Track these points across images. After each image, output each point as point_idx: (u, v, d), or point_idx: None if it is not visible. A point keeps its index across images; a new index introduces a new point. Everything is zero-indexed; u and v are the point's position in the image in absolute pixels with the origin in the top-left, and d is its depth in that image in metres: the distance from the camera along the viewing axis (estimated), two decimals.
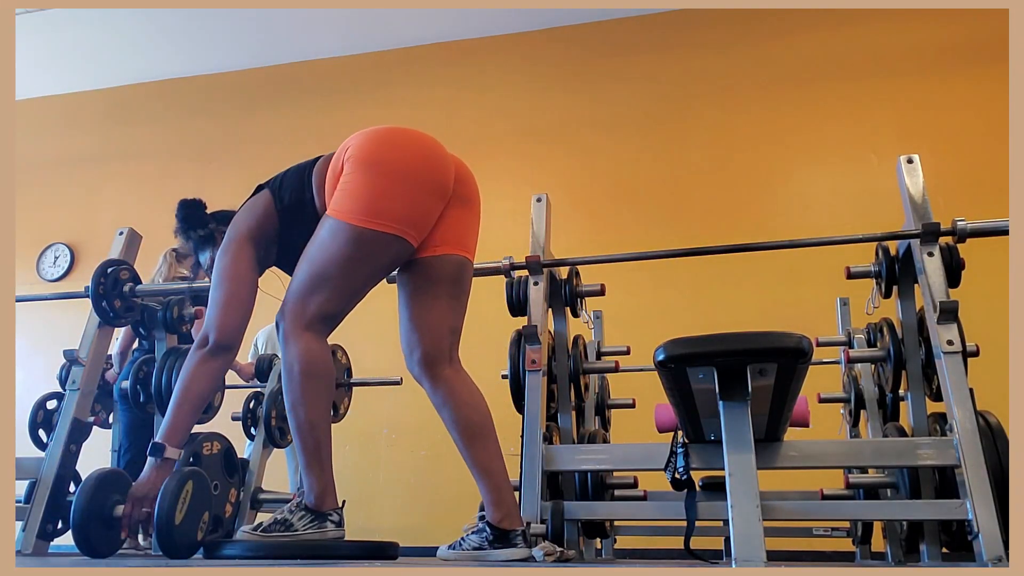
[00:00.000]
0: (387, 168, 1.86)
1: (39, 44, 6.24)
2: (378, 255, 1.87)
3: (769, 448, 2.08)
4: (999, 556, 1.81)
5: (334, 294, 1.88)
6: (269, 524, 1.88)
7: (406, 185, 1.87)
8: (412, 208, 1.88)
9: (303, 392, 1.87)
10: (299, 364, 1.87)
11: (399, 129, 1.97)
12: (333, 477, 1.91)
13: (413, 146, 1.92)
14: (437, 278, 1.98)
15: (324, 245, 1.87)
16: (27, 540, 2.69)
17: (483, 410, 1.99)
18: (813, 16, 5.57)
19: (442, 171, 1.94)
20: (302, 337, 1.88)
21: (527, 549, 1.91)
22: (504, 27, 5.98)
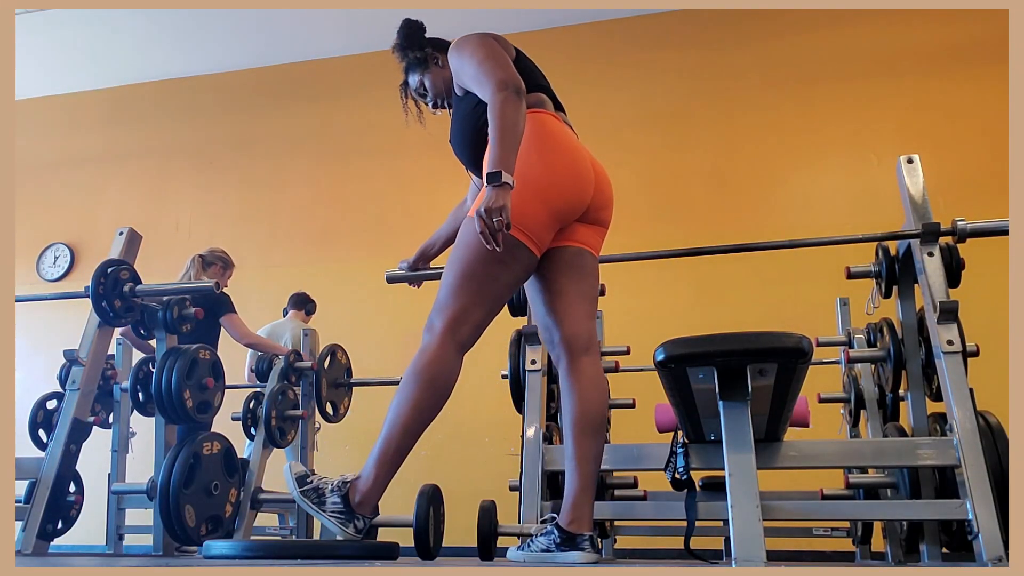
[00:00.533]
0: (538, 192, 1.91)
1: (39, 44, 6.24)
2: (514, 262, 1.91)
3: (769, 448, 2.08)
4: (999, 556, 1.81)
5: (476, 294, 1.91)
6: (309, 487, 1.88)
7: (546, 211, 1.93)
8: (544, 228, 1.94)
9: (418, 395, 1.88)
10: (431, 369, 1.89)
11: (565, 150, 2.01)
12: (384, 488, 1.91)
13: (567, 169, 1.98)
14: (569, 266, 2.03)
15: (467, 245, 1.92)
16: (27, 540, 2.69)
17: (602, 409, 2.02)
18: (813, 16, 5.57)
19: (579, 209, 2.01)
20: (445, 342, 1.90)
21: (595, 554, 1.90)
22: (504, 27, 5.94)
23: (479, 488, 2.68)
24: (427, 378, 1.88)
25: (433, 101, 2.29)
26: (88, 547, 4.39)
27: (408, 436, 1.89)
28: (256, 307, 5.10)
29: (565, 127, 2.08)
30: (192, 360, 2.87)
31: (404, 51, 2.28)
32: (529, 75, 2.06)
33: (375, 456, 1.89)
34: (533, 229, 1.91)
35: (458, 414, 5.30)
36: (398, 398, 1.90)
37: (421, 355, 1.90)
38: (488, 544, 2.09)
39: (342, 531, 1.85)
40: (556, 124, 2.05)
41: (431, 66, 2.26)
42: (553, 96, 2.15)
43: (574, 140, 2.07)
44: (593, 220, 2.08)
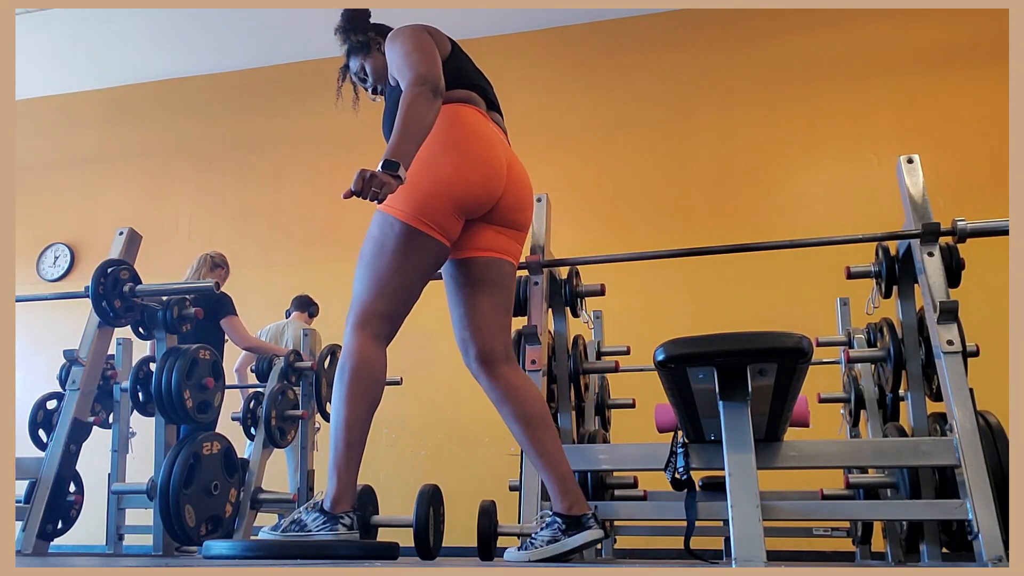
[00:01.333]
0: (442, 178, 1.91)
1: (39, 44, 6.24)
2: (424, 254, 1.92)
3: (769, 448, 2.08)
4: (999, 556, 1.81)
5: (386, 287, 1.92)
6: (287, 524, 1.89)
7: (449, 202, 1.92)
8: (448, 221, 1.93)
9: (348, 390, 1.89)
10: (351, 362, 1.90)
11: (471, 134, 1.99)
12: (355, 481, 1.92)
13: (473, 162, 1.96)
14: (472, 279, 2.03)
15: (374, 239, 1.93)
16: (27, 540, 2.69)
17: (542, 402, 2.03)
18: (813, 16, 5.57)
19: (484, 203, 1.98)
20: (359, 335, 1.92)
21: (600, 530, 1.92)
22: (504, 27, 5.98)
23: (479, 488, 2.68)
24: (351, 371, 1.89)
25: (372, 87, 2.28)
26: (88, 547, 4.39)
27: (352, 429, 1.88)
28: (256, 307, 5.11)
29: (484, 121, 2.05)
30: (192, 360, 2.87)
31: (347, 34, 2.28)
32: (462, 74, 2.07)
33: (331, 461, 1.90)
34: (437, 219, 1.90)
35: (458, 414, 5.35)
36: (334, 398, 1.92)
37: (343, 352, 1.93)
38: (488, 544, 2.09)
39: (335, 535, 1.85)
40: (473, 116, 2.02)
41: (373, 51, 2.24)
42: (488, 96, 2.13)
43: (489, 134, 2.03)
44: (508, 223, 2.05)
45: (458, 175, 1.92)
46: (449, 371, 5.34)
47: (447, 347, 2.01)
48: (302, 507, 1.92)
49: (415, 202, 1.89)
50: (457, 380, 5.20)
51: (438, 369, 5.14)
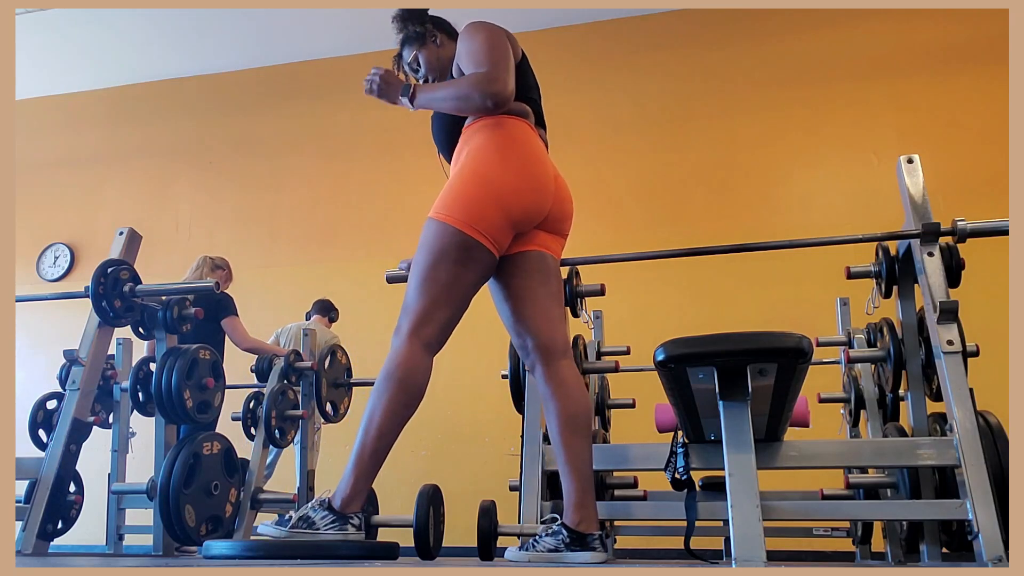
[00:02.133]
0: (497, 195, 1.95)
1: (39, 44, 6.24)
2: (474, 262, 1.94)
3: (769, 448, 2.08)
4: (999, 556, 1.81)
5: (438, 296, 1.93)
6: (295, 520, 1.88)
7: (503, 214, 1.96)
8: (501, 231, 1.96)
9: (391, 398, 1.88)
10: (401, 370, 1.90)
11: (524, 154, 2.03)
12: (368, 487, 1.91)
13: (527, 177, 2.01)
14: (535, 270, 2.05)
15: (427, 246, 1.95)
16: (27, 540, 2.69)
17: (588, 409, 2.03)
18: (813, 16, 5.57)
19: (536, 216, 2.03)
20: (412, 342, 1.92)
21: (604, 553, 1.92)
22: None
23: (479, 488, 2.69)
24: (398, 379, 1.88)
25: (425, 78, 2.29)
26: (88, 547, 4.39)
27: (382, 439, 1.88)
28: (256, 307, 5.11)
29: (535, 138, 2.10)
30: (192, 360, 2.87)
31: (404, 22, 2.30)
32: (523, 86, 2.10)
33: (352, 462, 1.89)
34: (490, 231, 1.93)
35: (458, 414, 5.35)
36: (372, 402, 1.90)
37: (391, 358, 1.91)
38: (488, 544, 2.09)
39: (343, 535, 1.85)
40: (526, 132, 2.07)
41: (428, 42, 2.28)
42: (538, 110, 2.18)
43: (540, 150, 2.09)
44: (552, 230, 2.10)
45: (513, 190, 1.97)
46: (449, 371, 5.33)
47: (447, 347, 2.00)
48: (310, 504, 1.91)
49: (472, 212, 1.92)
50: (457, 380, 5.22)
51: (438, 369, 5.11)
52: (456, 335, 2.01)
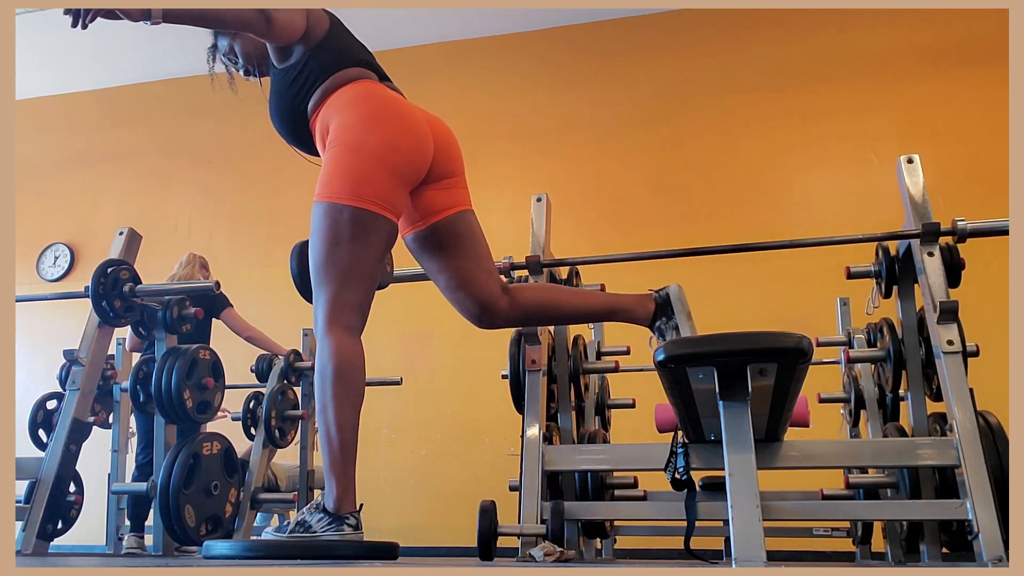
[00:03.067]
0: (376, 158, 1.90)
1: (39, 44, 6.24)
2: (373, 234, 1.89)
3: (769, 448, 2.08)
4: (999, 556, 1.81)
5: (346, 277, 1.89)
6: (292, 526, 1.88)
7: (389, 175, 1.91)
8: (394, 193, 1.92)
9: (333, 392, 1.87)
10: (332, 363, 1.87)
11: (390, 113, 1.97)
12: (354, 480, 1.91)
13: (399, 130, 1.95)
14: (442, 242, 2.05)
15: (321, 232, 1.90)
16: (27, 540, 2.69)
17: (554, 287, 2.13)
18: (813, 16, 5.57)
19: (423, 167, 1.99)
20: (333, 332, 1.88)
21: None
22: (504, 27, 5.98)
23: (479, 488, 2.68)
24: (334, 374, 1.86)
25: (244, 68, 2.24)
26: (88, 547, 4.39)
27: (344, 431, 1.87)
28: (256, 307, 5.10)
29: (388, 90, 2.04)
30: (192, 360, 2.87)
31: None
32: (351, 50, 2.06)
33: (327, 464, 1.89)
34: (379, 196, 1.88)
35: (458, 414, 5.35)
36: (320, 401, 1.89)
37: (320, 355, 1.90)
38: (488, 544, 2.09)
39: (340, 535, 1.85)
40: (378, 88, 2.01)
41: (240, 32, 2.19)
42: (378, 69, 2.11)
43: (398, 99, 2.03)
44: (444, 175, 2.05)
45: (389, 147, 1.91)
46: (449, 371, 5.35)
47: (447, 347, 2.01)
48: (305, 508, 1.91)
49: (355, 183, 1.88)
50: (457, 380, 5.22)
51: (438, 369, 5.13)
52: (455, 335, 2.01)
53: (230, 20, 1.90)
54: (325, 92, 2.00)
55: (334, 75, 2.00)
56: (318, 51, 2.02)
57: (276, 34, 1.95)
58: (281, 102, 2.08)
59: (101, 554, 3.83)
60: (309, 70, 2.01)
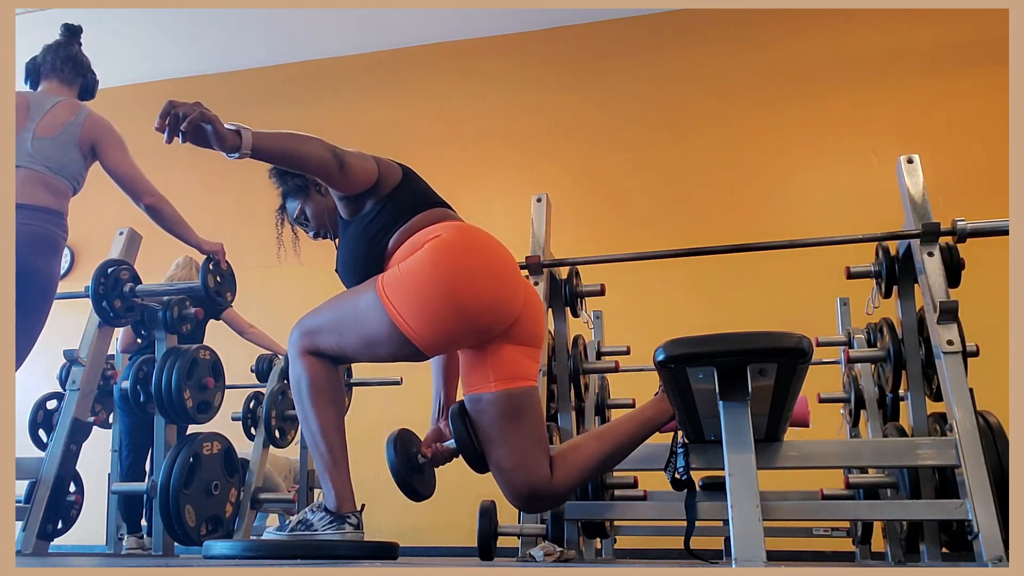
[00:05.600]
0: (451, 296, 1.80)
1: (39, 44, 6.24)
2: (396, 350, 1.85)
3: (769, 448, 2.08)
4: (999, 556, 1.81)
5: (342, 347, 1.90)
6: (294, 524, 1.90)
7: (458, 321, 1.82)
8: (449, 341, 1.87)
9: (311, 403, 1.90)
10: (306, 378, 1.90)
11: (488, 251, 1.89)
12: (350, 482, 1.92)
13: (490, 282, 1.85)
14: (502, 413, 1.90)
15: (359, 313, 1.85)
16: (27, 540, 2.69)
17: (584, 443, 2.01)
18: (813, 16, 5.57)
19: (503, 318, 1.88)
20: (306, 358, 1.91)
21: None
22: (504, 27, 5.98)
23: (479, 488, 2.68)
24: (307, 388, 1.90)
25: (315, 231, 2.19)
26: (88, 547, 4.39)
27: (328, 435, 1.90)
28: (256, 307, 5.10)
29: (494, 239, 1.94)
30: (192, 360, 2.87)
31: (282, 176, 2.18)
32: (427, 195, 2.01)
33: (320, 468, 1.91)
34: (436, 341, 1.82)
35: None
36: (301, 413, 1.92)
37: (292, 371, 1.92)
38: (488, 544, 2.09)
39: (341, 534, 1.86)
40: (480, 232, 1.93)
41: (312, 193, 2.14)
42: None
43: (504, 250, 1.94)
44: (530, 340, 1.95)
45: (475, 286, 1.81)
46: None
47: None
48: (307, 508, 1.93)
49: (421, 318, 1.78)
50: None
51: None
52: None
53: (310, 162, 1.81)
54: (412, 228, 1.92)
55: (421, 214, 1.94)
56: (393, 198, 1.95)
57: (349, 179, 1.88)
58: (356, 249, 1.98)
59: (101, 554, 3.82)
60: (388, 214, 1.94)
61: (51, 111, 2.63)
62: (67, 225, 2.61)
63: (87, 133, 2.63)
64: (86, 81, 2.86)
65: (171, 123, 1.68)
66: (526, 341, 1.94)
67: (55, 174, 2.55)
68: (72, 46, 2.85)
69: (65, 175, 2.58)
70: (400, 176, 1.99)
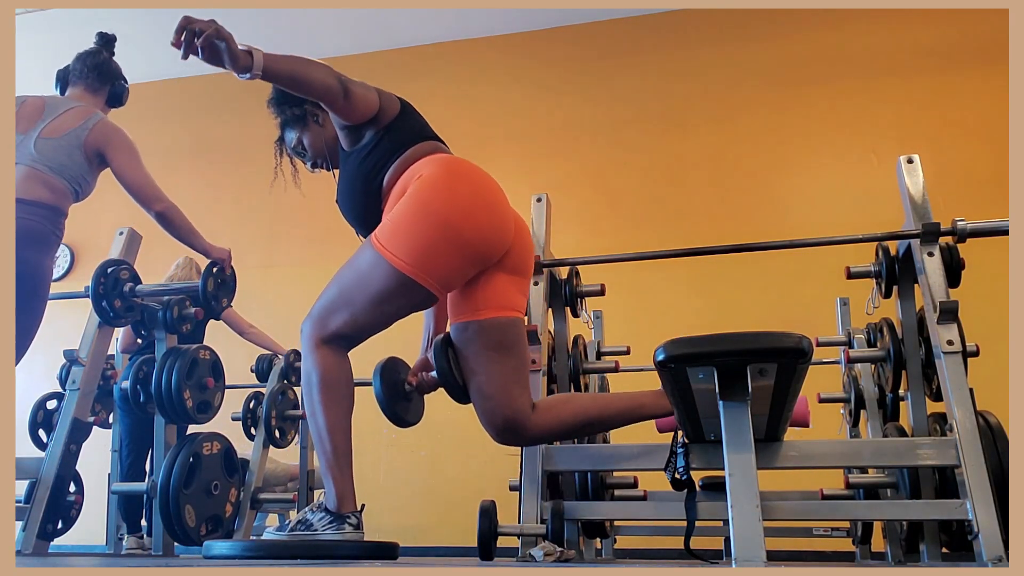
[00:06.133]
0: (447, 228, 1.84)
1: (39, 44, 6.24)
2: (408, 299, 1.88)
3: (769, 448, 2.08)
4: (999, 556, 1.81)
5: (355, 317, 1.88)
6: (294, 524, 1.90)
7: (458, 254, 1.86)
8: (454, 274, 1.89)
9: (320, 400, 1.89)
10: (317, 373, 1.89)
11: (476, 180, 1.93)
12: (352, 482, 1.92)
13: (482, 211, 1.90)
14: (495, 341, 1.97)
15: (363, 274, 1.87)
16: (27, 540, 2.69)
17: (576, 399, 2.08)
18: (813, 16, 5.57)
19: (498, 246, 1.93)
20: (320, 350, 1.89)
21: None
22: (504, 27, 5.98)
23: (479, 488, 2.69)
24: (318, 384, 1.88)
25: (312, 161, 2.22)
26: (88, 547, 4.39)
27: (334, 434, 1.89)
28: (256, 307, 5.10)
29: (477, 167, 1.99)
30: (192, 360, 2.87)
31: (280, 106, 2.20)
32: (422, 128, 2.04)
33: (324, 467, 1.91)
34: (442, 276, 1.85)
35: (458, 414, 5.32)
36: (309, 408, 1.91)
37: (304, 365, 1.91)
38: (488, 544, 2.09)
39: (341, 534, 1.86)
40: (467, 162, 1.98)
41: (310, 124, 2.17)
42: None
43: (491, 179, 1.98)
44: (519, 270, 2.01)
45: (468, 216, 1.86)
46: None
47: None
48: (307, 508, 1.93)
49: (420, 254, 1.82)
50: None
51: None
52: None
53: (317, 86, 1.85)
54: (406, 161, 1.95)
55: (414, 147, 1.97)
56: (391, 130, 1.98)
57: (352, 107, 1.91)
58: (353, 180, 2.02)
59: (101, 554, 3.82)
60: (384, 146, 1.97)
61: (62, 114, 2.66)
62: (64, 225, 2.62)
63: (94, 138, 2.66)
64: (113, 88, 2.92)
65: (187, 39, 1.75)
66: (516, 270, 2.00)
67: (55, 174, 2.55)
68: (101, 54, 2.90)
69: (65, 176, 2.59)
70: (399, 108, 2.02)
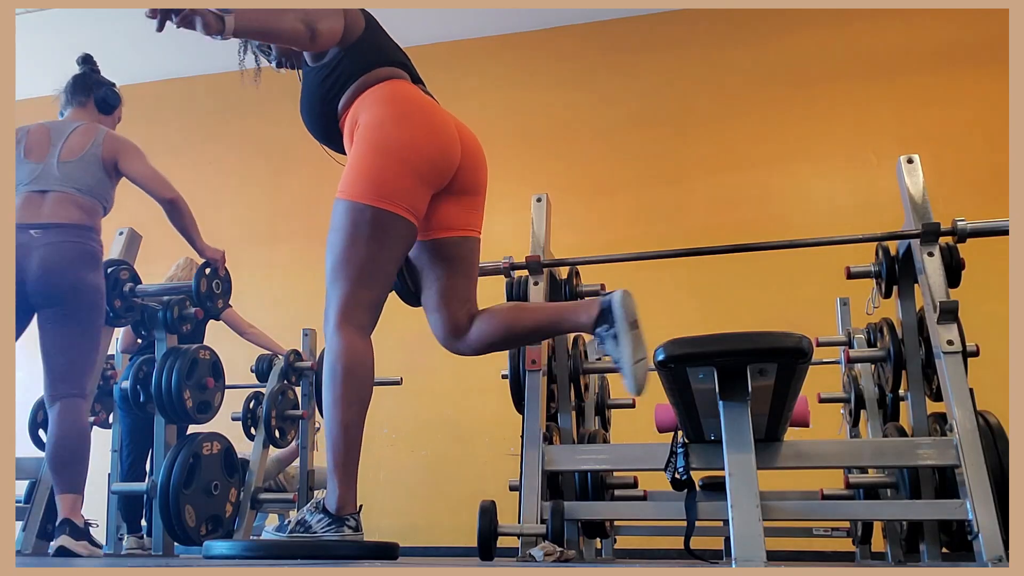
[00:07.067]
0: (401, 161, 1.90)
1: (39, 44, 6.24)
2: (394, 237, 1.90)
3: (769, 448, 2.08)
4: (999, 556, 1.81)
5: (361, 278, 1.90)
6: (293, 525, 1.88)
7: (415, 179, 1.91)
8: (417, 199, 1.92)
9: (343, 393, 1.86)
10: (342, 364, 1.87)
11: (417, 109, 1.98)
12: (355, 484, 1.91)
13: (428, 137, 1.95)
14: (441, 258, 2.04)
15: (346, 231, 1.90)
16: (27, 540, 2.69)
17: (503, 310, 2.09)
18: (813, 16, 5.57)
19: (448, 166, 1.98)
20: (343, 330, 1.89)
21: None
22: (504, 27, 5.98)
23: (479, 488, 2.69)
24: (343, 372, 1.86)
25: (277, 60, 2.26)
26: None
27: (350, 431, 1.87)
28: (256, 307, 5.10)
29: (420, 92, 2.04)
30: (192, 360, 2.87)
31: None
32: (382, 50, 2.06)
33: (331, 464, 1.88)
34: (401, 197, 1.88)
35: (458, 414, 5.35)
36: (327, 400, 1.89)
37: (329, 353, 1.89)
38: (488, 544, 2.09)
39: (340, 536, 1.85)
40: (409, 89, 2.02)
41: None
42: (411, 71, 2.12)
43: (430, 102, 2.03)
44: (468, 189, 2.05)
45: (414, 147, 1.92)
46: (449, 371, 5.34)
47: None
48: (306, 508, 1.91)
49: (378, 183, 1.88)
50: (457, 380, 5.21)
51: (438, 369, 5.13)
52: None
53: (286, 36, 1.90)
54: (356, 91, 1.99)
55: (366, 74, 2.00)
56: (352, 50, 2.01)
57: (318, 46, 1.96)
58: (312, 100, 2.08)
59: (101, 554, 3.82)
60: (342, 69, 2.00)
61: (71, 136, 2.71)
62: (102, 241, 2.66)
63: (107, 151, 2.71)
64: (97, 95, 2.94)
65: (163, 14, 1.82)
66: (464, 190, 2.04)
67: (83, 194, 2.60)
68: (82, 72, 2.96)
69: (94, 194, 2.64)
70: (362, 27, 2.05)
